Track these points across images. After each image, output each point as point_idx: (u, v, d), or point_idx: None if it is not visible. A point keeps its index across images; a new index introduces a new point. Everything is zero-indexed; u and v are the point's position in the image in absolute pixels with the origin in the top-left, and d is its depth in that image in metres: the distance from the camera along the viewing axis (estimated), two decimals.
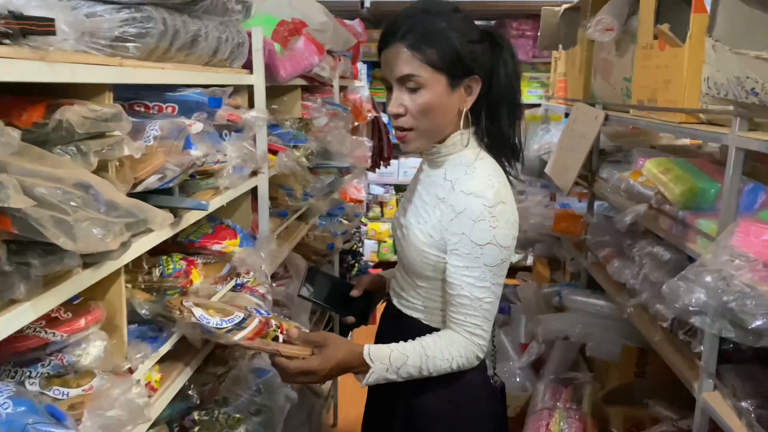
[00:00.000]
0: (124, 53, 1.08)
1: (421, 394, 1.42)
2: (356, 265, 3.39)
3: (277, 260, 1.88)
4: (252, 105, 1.68)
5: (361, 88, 3.64)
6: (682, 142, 2.72)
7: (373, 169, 4.06)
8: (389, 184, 5.75)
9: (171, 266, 1.32)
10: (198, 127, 1.12)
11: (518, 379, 2.83)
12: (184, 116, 1.22)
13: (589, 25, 2.43)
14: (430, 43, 1.27)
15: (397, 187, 5.79)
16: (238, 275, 1.49)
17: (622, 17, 2.40)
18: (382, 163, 4.13)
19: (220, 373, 1.49)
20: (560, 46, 3.44)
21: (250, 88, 1.66)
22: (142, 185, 1.00)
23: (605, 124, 2.47)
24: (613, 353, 2.45)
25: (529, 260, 4.91)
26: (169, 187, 1.09)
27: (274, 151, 1.84)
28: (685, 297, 1.42)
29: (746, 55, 1.40)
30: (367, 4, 4.31)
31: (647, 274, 2.06)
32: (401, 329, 1.44)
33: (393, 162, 4.95)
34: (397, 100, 1.32)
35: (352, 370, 1.33)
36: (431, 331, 1.39)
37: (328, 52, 2.46)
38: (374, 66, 5.21)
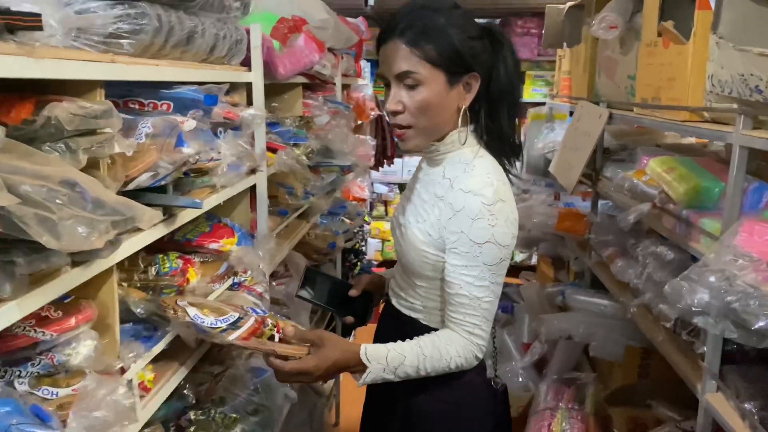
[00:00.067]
0: (118, 50, 1.08)
1: (418, 395, 1.41)
2: (359, 264, 3.39)
3: (276, 259, 1.86)
4: (251, 103, 1.67)
5: (365, 87, 3.62)
6: (687, 140, 2.69)
7: (376, 168, 4.05)
8: (393, 183, 5.74)
9: (167, 265, 1.31)
10: (191, 124, 1.10)
11: (521, 379, 2.81)
12: (180, 114, 1.21)
13: (593, 22, 2.42)
14: (429, 40, 1.25)
15: (401, 186, 5.78)
16: (236, 274, 1.48)
17: (627, 14, 2.38)
18: (385, 161, 4.12)
19: (216, 372, 1.48)
20: (565, 44, 3.43)
21: (249, 86, 1.65)
22: (134, 183, 0.99)
23: (609, 122, 2.45)
24: (616, 353, 2.43)
25: (534, 259, 4.90)
26: (162, 185, 1.08)
27: (273, 149, 1.83)
28: (688, 297, 1.41)
29: (750, 51, 1.38)
30: (371, 2, 4.29)
31: (651, 273, 2.05)
32: (400, 329, 1.43)
33: (397, 161, 4.94)
34: (395, 97, 1.30)
35: (349, 370, 1.32)
36: (430, 331, 1.38)
37: (330, 50, 2.45)
38: (378, 64, 5.18)
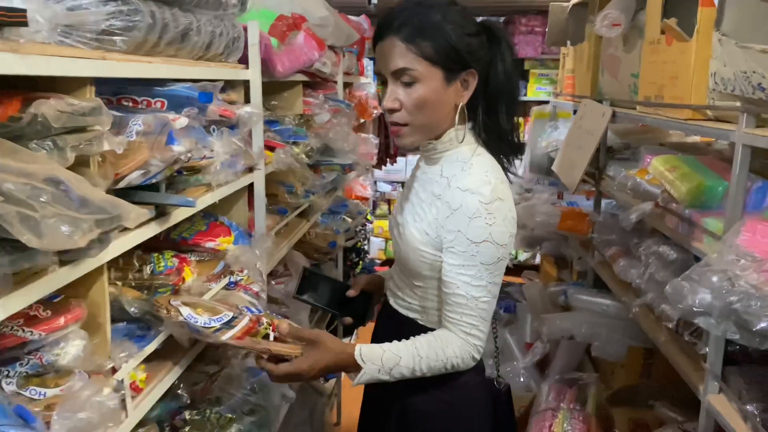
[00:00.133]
0: (111, 47, 1.07)
1: (415, 395, 1.39)
2: (360, 263, 3.37)
3: (274, 258, 1.85)
4: (248, 101, 1.66)
5: (367, 85, 3.60)
6: (692, 139, 2.67)
7: (379, 167, 4.04)
8: (396, 182, 5.72)
9: (162, 264, 1.30)
10: (182, 122, 1.09)
11: (522, 379, 2.80)
12: (174, 111, 1.19)
13: (597, 20, 2.40)
14: (426, 36, 1.24)
15: (404, 185, 5.75)
16: (232, 273, 1.47)
17: (630, 12, 2.36)
18: (388, 160, 4.10)
19: (212, 372, 1.47)
20: (568, 42, 3.40)
21: (247, 84, 1.64)
22: (125, 181, 0.97)
23: (613, 121, 2.43)
24: (618, 354, 2.42)
25: (537, 259, 4.88)
26: (153, 183, 1.07)
27: (272, 148, 1.82)
28: (690, 297, 1.39)
29: (752, 49, 1.36)
30: (375, 0, 4.27)
31: (653, 273, 2.03)
32: (398, 329, 1.41)
33: (400, 159, 4.92)
34: (392, 95, 1.29)
35: (344, 370, 1.31)
36: (427, 331, 1.36)
37: (330, 48, 2.43)
38: None
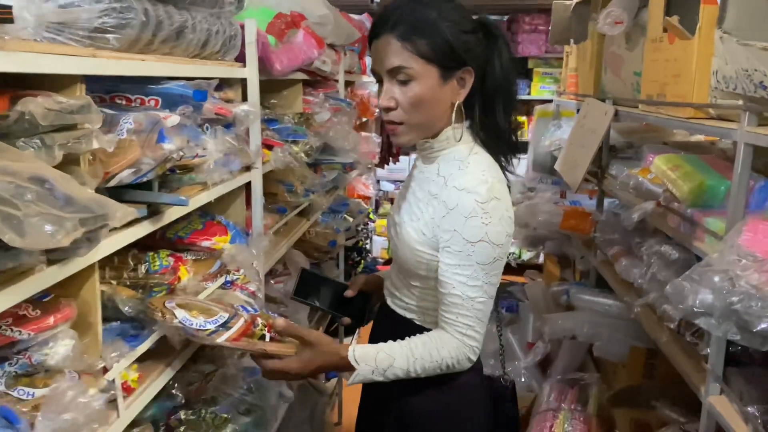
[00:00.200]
0: (104, 44, 1.06)
1: (412, 396, 1.38)
2: (362, 262, 3.36)
3: (273, 257, 1.85)
4: (246, 99, 1.65)
5: (370, 83, 3.59)
6: (696, 138, 2.65)
7: (381, 165, 4.02)
8: (399, 181, 5.70)
9: (157, 263, 1.30)
10: (174, 120, 1.08)
11: (524, 379, 2.79)
12: (169, 110, 1.19)
13: (599, 18, 2.38)
14: (421, 34, 1.23)
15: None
16: (228, 272, 1.46)
17: (633, 10, 2.34)
18: (391, 159, 4.08)
19: (208, 371, 1.46)
20: (572, 41, 3.39)
21: (244, 82, 1.63)
22: (115, 179, 0.97)
23: (616, 119, 2.41)
24: (620, 354, 2.40)
25: (541, 258, 4.86)
26: (144, 182, 1.06)
27: (270, 146, 1.81)
28: (690, 298, 1.38)
29: (753, 46, 1.34)
30: None
31: (655, 273, 2.01)
32: (395, 329, 1.40)
33: (403, 158, 4.90)
34: (388, 93, 1.28)
35: (337, 371, 1.30)
36: (424, 332, 1.35)
37: (330, 46, 2.42)
38: None
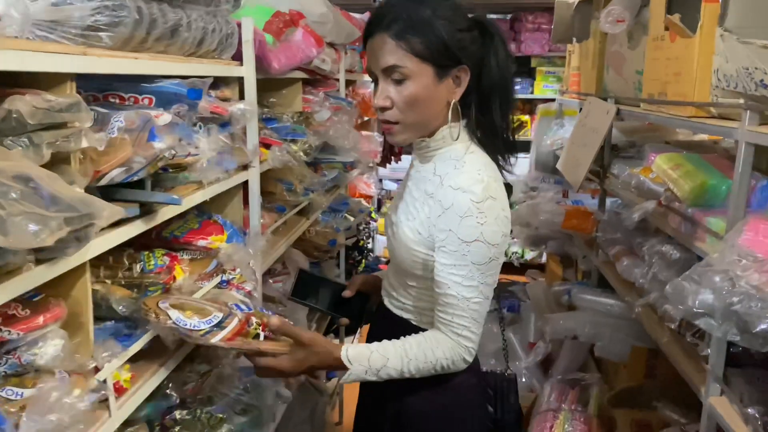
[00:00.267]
0: (97, 43, 1.05)
1: (408, 396, 1.37)
2: (363, 262, 3.34)
3: (270, 256, 1.84)
4: (243, 98, 1.64)
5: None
6: (699, 137, 2.63)
7: (383, 165, 4.01)
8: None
9: (152, 262, 1.29)
10: (165, 118, 1.07)
11: (524, 379, 2.77)
12: (163, 108, 1.18)
13: (601, 16, 2.37)
14: (416, 32, 1.21)
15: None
16: (224, 272, 1.45)
17: (635, 8, 2.33)
18: (393, 158, 4.07)
19: (203, 371, 1.45)
20: (574, 39, 3.37)
21: (241, 81, 1.62)
22: (106, 178, 0.96)
23: (618, 118, 2.39)
24: (621, 354, 2.38)
25: (544, 257, 4.84)
26: (137, 181, 1.06)
27: (268, 145, 1.80)
28: (690, 298, 1.37)
29: (753, 44, 1.33)
30: None
31: (656, 273, 2.00)
32: (392, 329, 1.39)
33: (405, 157, 4.89)
34: (383, 92, 1.27)
35: (330, 370, 1.29)
36: (420, 332, 1.34)
37: (330, 45, 2.41)
38: None
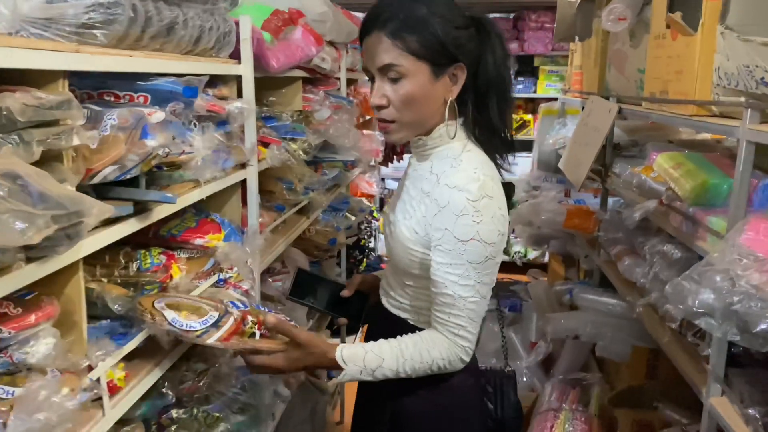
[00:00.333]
0: (92, 41, 1.05)
1: (405, 396, 1.37)
2: (364, 261, 3.33)
3: (269, 255, 1.83)
4: (242, 96, 1.64)
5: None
6: (702, 136, 2.62)
7: (385, 164, 4.01)
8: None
9: (148, 261, 1.29)
10: (159, 116, 1.07)
11: (525, 379, 2.76)
12: (158, 106, 1.18)
13: (602, 14, 2.35)
14: (411, 31, 1.21)
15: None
16: (221, 270, 1.45)
17: (637, 6, 2.31)
18: (395, 157, 4.07)
19: (200, 370, 1.45)
20: (576, 38, 3.35)
21: (239, 79, 1.61)
22: (99, 176, 0.96)
23: (621, 117, 2.38)
24: (623, 354, 2.37)
25: (547, 257, 4.82)
26: (132, 179, 1.05)
27: (267, 144, 1.80)
28: (690, 298, 1.36)
29: (754, 42, 1.31)
30: None
31: (658, 272, 1.99)
32: (389, 329, 1.38)
33: (407, 156, 4.88)
34: (379, 91, 1.26)
35: (325, 369, 1.29)
36: (417, 332, 1.34)
37: (331, 44, 2.41)
38: None
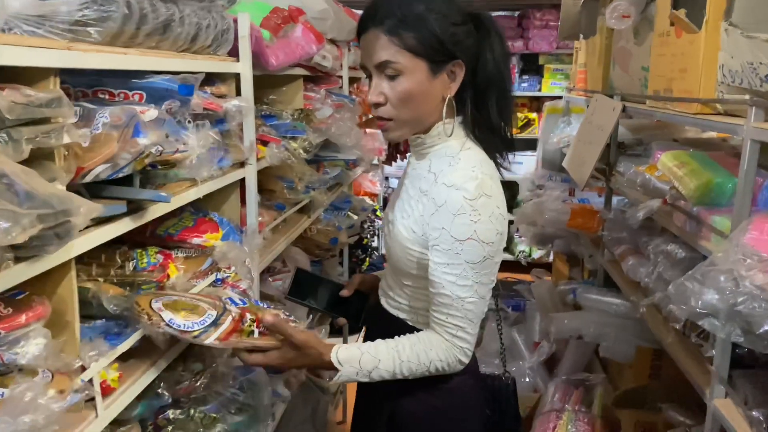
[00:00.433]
0: (86, 38, 1.04)
1: (403, 398, 1.35)
2: (367, 260, 3.32)
3: (269, 254, 1.82)
4: (240, 94, 1.63)
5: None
6: (708, 134, 2.60)
7: (389, 162, 3.99)
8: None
9: (145, 260, 1.28)
10: (152, 114, 1.06)
11: (528, 379, 2.74)
12: (154, 104, 1.16)
13: (606, 12, 2.34)
14: (408, 27, 1.19)
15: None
16: (219, 270, 1.44)
17: (641, 4, 2.29)
18: (398, 156, 4.05)
19: (197, 370, 1.44)
20: (581, 36, 3.33)
21: (238, 77, 1.60)
22: (91, 175, 0.95)
23: (625, 116, 2.36)
24: (626, 354, 2.35)
25: (552, 256, 4.81)
26: (127, 178, 1.04)
27: (267, 143, 1.79)
28: (693, 298, 1.34)
29: (757, 38, 1.29)
30: None
31: (662, 272, 1.97)
32: (388, 330, 1.37)
33: None
34: (377, 88, 1.25)
35: (321, 369, 1.28)
36: (415, 332, 1.32)
37: (332, 42, 2.40)
38: None
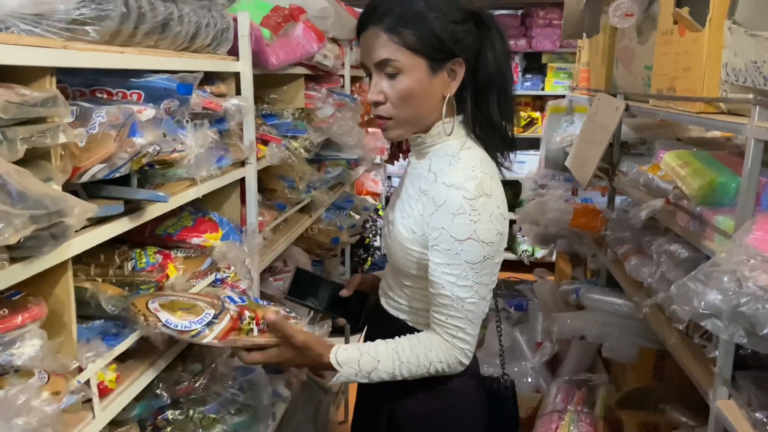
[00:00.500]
0: (84, 37, 1.04)
1: (403, 399, 1.35)
2: (369, 260, 3.31)
3: (269, 254, 1.82)
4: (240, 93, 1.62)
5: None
6: (712, 134, 2.58)
7: (391, 162, 3.98)
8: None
9: (144, 260, 1.27)
10: (149, 113, 1.05)
11: (530, 380, 2.73)
12: (153, 103, 1.16)
13: (609, 10, 2.32)
14: (408, 25, 1.19)
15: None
16: (219, 270, 1.43)
17: (644, 2, 2.28)
18: (401, 155, 4.04)
19: (196, 370, 1.43)
20: (584, 35, 3.32)
21: (238, 76, 1.60)
22: (87, 175, 0.94)
23: (628, 115, 2.35)
24: (629, 355, 2.34)
25: (555, 256, 4.79)
26: (123, 177, 1.04)
27: (267, 142, 1.78)
28: (695, 299, 1.33)
29: (761, 37, 1.28)
30: None
31: (665, 272, 1.96)
32: (388, 330, 1.37)
33: None
34: (376, 87, 1.24)
35: (321, 370, 1.27)
36: (415, 333, 1.31)
37: (333, 40, 2.39)
38: None
